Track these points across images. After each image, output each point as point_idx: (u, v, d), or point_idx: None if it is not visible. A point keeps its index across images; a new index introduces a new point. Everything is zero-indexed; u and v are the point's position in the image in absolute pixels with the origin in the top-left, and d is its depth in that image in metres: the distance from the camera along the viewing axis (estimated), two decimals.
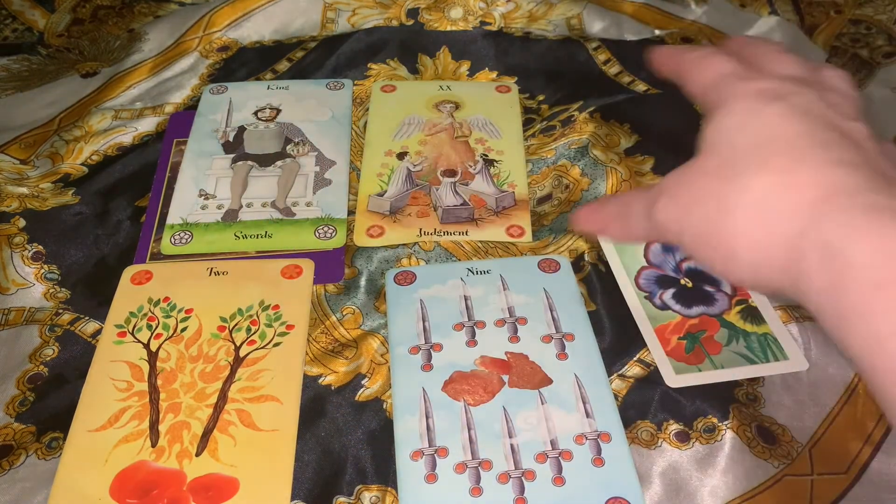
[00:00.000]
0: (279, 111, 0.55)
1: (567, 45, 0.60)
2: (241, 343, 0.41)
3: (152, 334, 0.42)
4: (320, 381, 0.40)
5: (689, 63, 0.30)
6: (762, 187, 0.23)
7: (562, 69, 0.58)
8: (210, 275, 0.45)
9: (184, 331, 0.42)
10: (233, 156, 0.52)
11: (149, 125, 0.55)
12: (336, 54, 0.59)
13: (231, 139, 0.53)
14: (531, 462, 0.36)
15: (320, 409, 0.39)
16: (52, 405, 0.40)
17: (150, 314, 0.43)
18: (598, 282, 0.44)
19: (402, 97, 0.56)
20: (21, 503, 0.36)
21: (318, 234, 0.47)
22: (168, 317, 0.43)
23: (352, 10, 0.63)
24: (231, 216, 0.48)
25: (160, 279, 0.45)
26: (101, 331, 0.43)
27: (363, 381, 0.40)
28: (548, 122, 0.54)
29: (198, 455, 0.37)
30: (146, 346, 0.41)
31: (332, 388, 0.40)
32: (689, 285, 0.44)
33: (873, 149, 0.24)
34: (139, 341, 0.42)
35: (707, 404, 0.39)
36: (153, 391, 0.39)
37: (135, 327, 0.42)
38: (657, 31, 0.61)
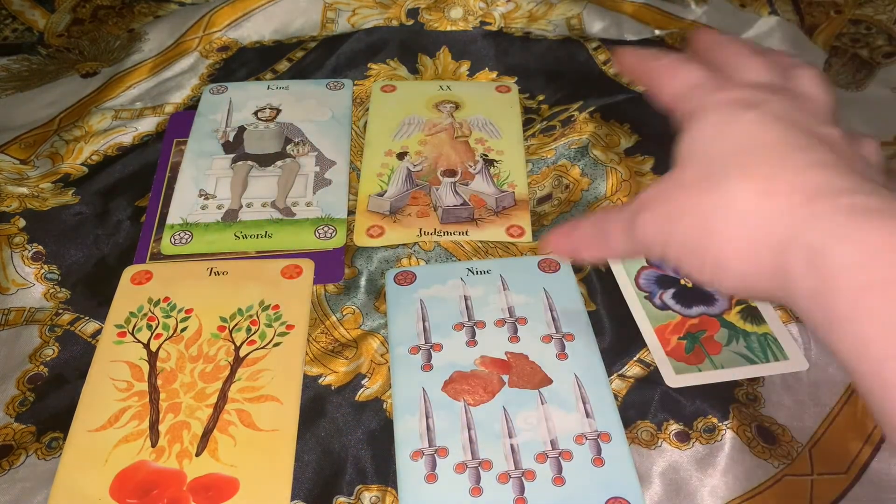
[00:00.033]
0: (279, 111, 0.55)
1: (567, 45, 0.60)
2: (241, 343, 0.41)
3: (152, 334, 0.42)
4: (320, 381, 0.40)
5: (656, 71, 0.29)
6: (744, 195, 0.23)
7: (562, 69, 0.58)
8: (210, 275, 0.45)
9: (184, 331, 0.42)
10: (233, 156, 0.52)
11: (149, 125, 0.55)
12: (336, 54, 0.59)
13: (231, 139, 0.53)
14: (531, 462, 0.36)
15: (320, 409, 0.39)
16: (52, 405, 0.40)
17: (150, 314, 0.43)
18: (598, 282, 0.44)
19: (402, 97, 0.56)
20: (21, 503, 0.36)
21: (318, 234, 0.47)
22: (168, 317, 0.43)
23: (352, 10, 0.63)
24: (231, 216, 0.48)
25: (160, 279, 0.45)
26: (101, 331, 0.43)
27: (363, 381, 0.40)
28: (548, 122, 0.54)
29: (198, 455, 0.37)
30: (146, 346, 0.41)
31: (332, 388, 0.40)
32: (689, 285, 0.44)
33: (849, 151, 0.24)
34: (139, 341, 0.42)
35: (707, 404, 0.39)
36: (153, 391, 0.39)
37: (135, 327, 0.42)
38: (657, 31, 0.61)
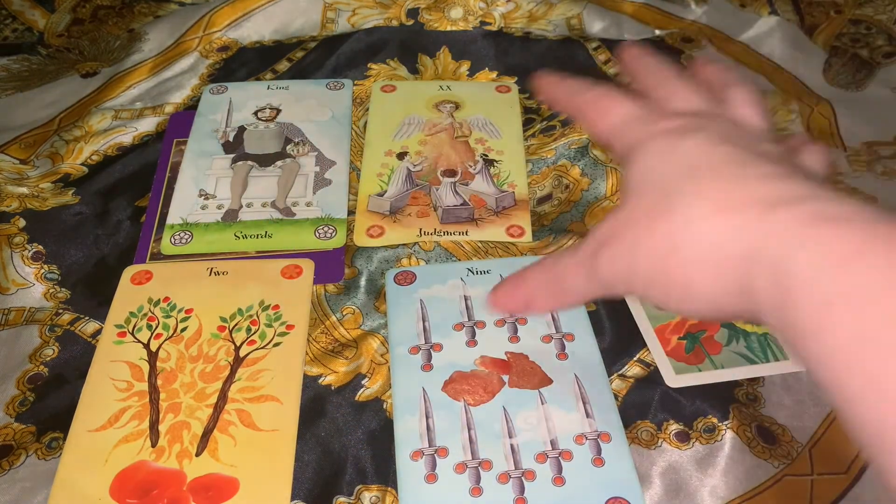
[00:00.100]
0: (279, 111, 0.55)
1: (567, 45, 0.60)
2: (241, 343, 0.41)
3: (152, 334, 0.42)
4: (320, 381, 0.40)
5: (586, 105, 0.29)
6: (701, 214, 0.22)
7: (562, 69, 0.58)
8: (210, 275, 0.45)
9: (184, 331, 0.42)
10: (233, 156, 0.52)
11: (149, 125, 0.55)
12: (336, 54, 0.59)
13: (231, 139, 0.53)
14: (531, 462, 0.36)
15: (320, 409, 0.39)
16: (52, 405, 0.40)
17: (150, 314, 0.43)
18: None
19: (402, 97, 0.56)
20: (21, 503, 0.36)
21: (318, 234, 0.47)
22: (168, 317, 0.43)
23: (352, 10, 0.63)
24: (231, 216, 0.48)
25: (160, 279, 0.45)
26: (101, 331, 0.42)
27: (363, 381, 0.40)
28: (548, 122, 0.54)
29: (198, 455, 0.37)
30: (146, 346, 0.41)
31: (332, 388, 0.40)
32: None
33: (794, 164, 0.24)
34: (139, 341, 0.42)
35: (707, 404, 0.39)
36: (153, 391, 0.39)
37: (135, 327, 0.42)
38: (657, 31, 0.61)
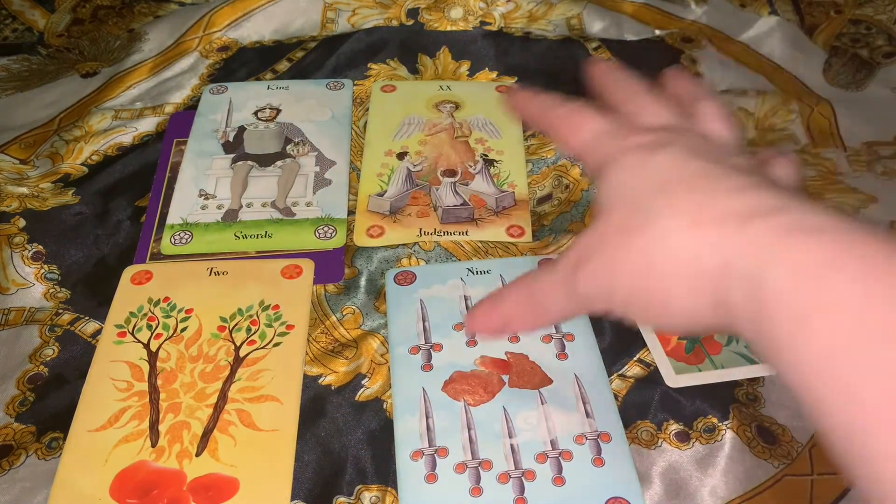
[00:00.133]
0: (279, 111, 0.55)
1: (567, 45, 0.60)
2: (241, 343, 0.41)
3: (152, 334, 0.42)
4: (320, 381, 0.40)
5: (558, 121, 0.29)
6: (676, 228, 0.22)
7: (562, 69, 0.58)
8: (210, 275, 0.45)
9: (184, 331, 0.42)
10: (233, 156, 0.52)
11: (149, 125, 0.55)
12: (336, 54, 0.59)
13: (231, 139, 0.53)
14: (531, 462, 0.36)
15: (320, 409, 0.39)
16: (52, 405, 0.40)
17: (150, 314, 0.43)
18: None
19: (402, 97, 0.56)
20: (21, 503, 0.36)
21: (318, 234, 0.47)
22: (168, 317, 0.43)
23: (352, 10, 0.63)
24: (231, 216, 0.48)
25: (160, 279, 0.45)
26: (101, 331, 0.42)
27: (363, 381, 0.40)
28: None
29: (198, 455, 0.37)
30: (146, 346, 0.41)
31: (332, 388, 0.40)
32: None
33: (765, 177, 0.24)
34: (139, 341, 0.42)
35: (707, 404, 0.39)
36: (153, 391, 0.39)
37: (135, 327, 0.42)
38: (657, 31, 0.61)
